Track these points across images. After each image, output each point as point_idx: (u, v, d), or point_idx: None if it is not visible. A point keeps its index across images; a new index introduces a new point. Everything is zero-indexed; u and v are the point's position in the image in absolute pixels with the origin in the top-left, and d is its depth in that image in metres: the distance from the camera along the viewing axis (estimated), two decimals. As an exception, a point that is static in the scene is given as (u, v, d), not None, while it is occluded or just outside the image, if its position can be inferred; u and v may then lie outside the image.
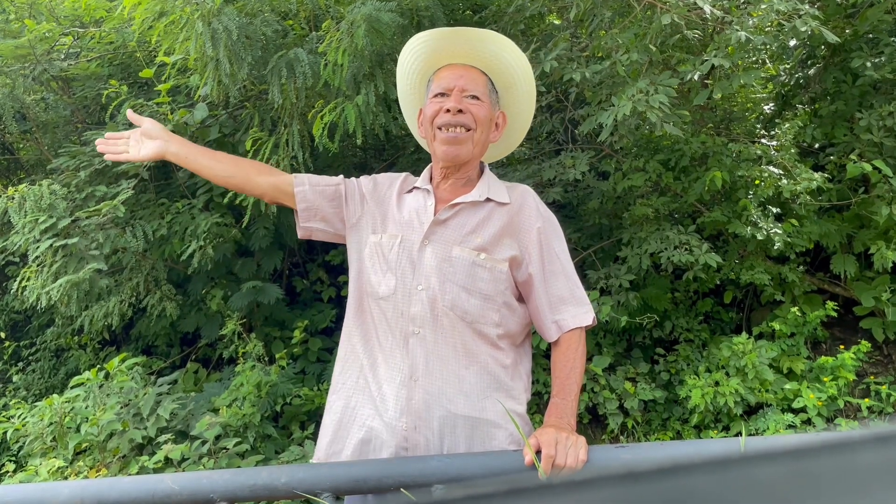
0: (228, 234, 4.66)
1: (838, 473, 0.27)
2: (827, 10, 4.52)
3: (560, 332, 1.61)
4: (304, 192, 1.73)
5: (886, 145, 4.36)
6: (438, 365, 1.54)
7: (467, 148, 1.63)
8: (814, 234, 4.43)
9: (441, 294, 1.56)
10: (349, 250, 1.75)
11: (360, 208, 1.75)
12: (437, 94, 1.66)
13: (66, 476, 3.87)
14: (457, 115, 1.61)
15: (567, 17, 4.05)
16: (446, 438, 1.51)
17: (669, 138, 4.53)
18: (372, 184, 1.80)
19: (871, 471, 0.27)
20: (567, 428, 1.40)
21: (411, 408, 1.52)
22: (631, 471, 0.29)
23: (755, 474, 0.28)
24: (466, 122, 1.62)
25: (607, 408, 4.47)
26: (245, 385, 4.39)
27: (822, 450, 0.28)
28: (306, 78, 3.61)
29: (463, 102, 1.62)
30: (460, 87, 1.64)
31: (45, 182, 4.18)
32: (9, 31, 4.87)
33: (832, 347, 4.78)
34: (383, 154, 6.10)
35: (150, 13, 3.69)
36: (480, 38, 1.66)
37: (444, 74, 1.68)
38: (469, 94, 1.64)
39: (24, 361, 6.21)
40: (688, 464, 0.29)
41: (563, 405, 1.49)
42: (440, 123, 1.63)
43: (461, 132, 1.62)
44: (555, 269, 1.65)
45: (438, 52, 1.70)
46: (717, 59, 3.30)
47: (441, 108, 1.63)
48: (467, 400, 1.52)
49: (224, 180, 1.74)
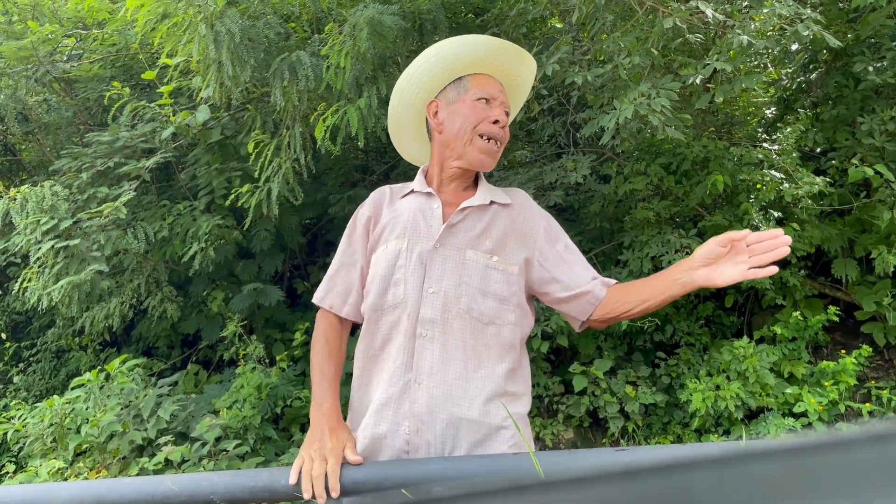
0: (230, 236, 4.67)
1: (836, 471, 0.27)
2: (829, 15, 4.52)
3: (608, 285, 1.63)
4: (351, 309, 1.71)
5: (888, 150, 4.36)
6: (444, 367, 1.53)
7: (496, 161, 1.71)
8: (815, 239, 4.43)
9: (456, 297, 1.56)
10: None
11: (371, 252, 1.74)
12: (481, 99, 1.68)
13: (66, 477, 3.87)
14: (502, 129, 1.67)
15: (569, 21, 4.06)
16: (448, 441, 1.50)
17: (671, 142, 4.54)
18: (367, 221, 1.77)
19: (868, 469, 0.27)
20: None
21: (414, 411, 1.52)
22: (631, 468, 0.29)
23: (754, 471, 0.28)
24: (503, 138, 1.68)
25: (608, 411, 4.47)
26: (245, 387, 4.39)
27: (821, 448, 0.28)
28: (308, 80, 3.61)
29: (506, 117, 1.68)
30: (502, 101, 1.69)
31: (47, 183, 4.19)
32: (12, 32, 4.88)
33: (833, 352, 4.78)
34: (384, 157, 6.11)
35: (153, 15, 3.71)
36: (521, 60, 1.73)
37: (486, 82, 1.71)
38: (507, 109, 1.71)
39: (25, 362, 6.21)
40: (687, 461, 0.29)
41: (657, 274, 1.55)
42: (486, 132, 1.65)
43: (498, 147, 1.68)
44: (573, 253, 1.69)
45: (484, 60, 1.72)
46: (719, 63, 3.30)
47: (488, 118, 1.65)
48: (472, 403, 1.52)
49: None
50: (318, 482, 1.35)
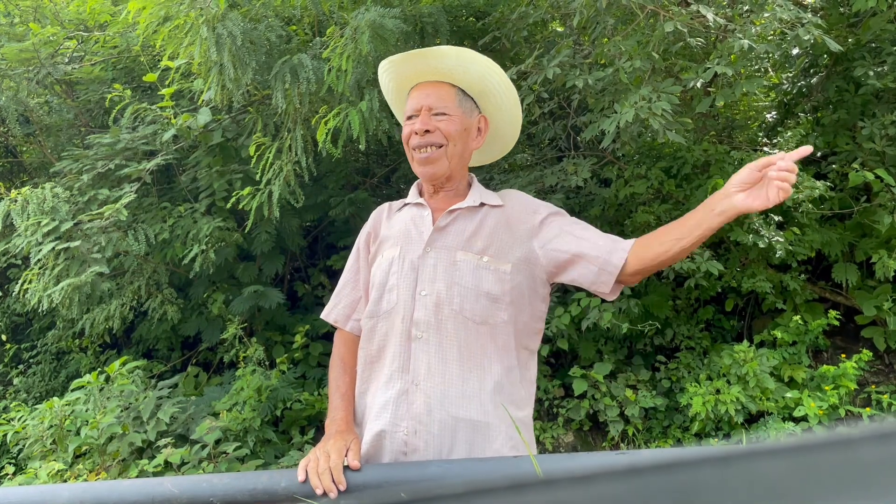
0: (230, 238, 4.67)
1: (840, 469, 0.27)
2: (830, 19, 4.53)
3: (626, 249, 1.55)
4: (356, 324, 1.76)
5: (889, 154, 4.37)
6: (441, 368, 1.55)
7: (443, 164, 1.67)
8: (815, 243, 4.43)
9: (448, 298, 1.57)
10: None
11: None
12: (409, 117, 1.72)
13: (65, 479, 3.86)
14: (425, 135, 1.65)
15: (570, 24, 4.06)
16: (446, 442, 1.51)
17: (671, 146, 4.54)
18: (367, 236, 1.83)
19: (872, 466, 0.27)
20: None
21: (412, 412, 1.53)
22: (633, 466, 0.29)
23: (758, 469, 0.27)
24: (436, 140, 1.66)
25: (608, 415, 4.46)
26: (245, 389, 4.38)
27: (825, 446, 0.28)
28: (310, 83, 3.62)
29: (431, 122, 1.66)
30: (427, 106, 1.69)
31: (48, 185, 4.19)
32: (13, 34, 4.89)
33: (833, 356, 4.77)
34: (385, 160, 6.12)
35: (155, 17, 3.71)
36: (439, 54, 1.69)
37: (413, 95, 1.74)
38: (436, 111, 1.68)
39: (25, 364, 6.21)
40: (691, 459, 0.29)
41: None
42: (413, 145, 1.69)
43: (433, 151, 1.66)
44: (578, 228, 1.66)
45: (405, 75, 1.76)
46: (720, 67, 3.31)
47: (413, 132, 1.68)
48: (469, 403, 1.53)
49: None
50: (324, 476, 1.37)
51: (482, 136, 1.76)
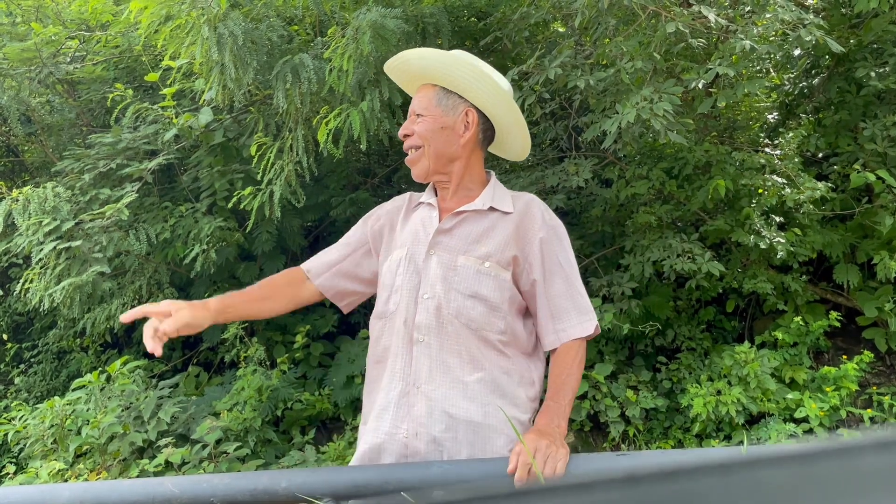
0: (231, 238, 4.67)
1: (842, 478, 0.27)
2: (831, 20, 4.52)
3: (560, 343, 1.61)
4: (323, 282, 1.82)
5: (890, 155, 4.36)
6: (442, 371, 1.55)
7: (423, 164, 1.71)
8: (817, 244, 4.42)
9: (446, 302, 1.57)
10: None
11: (377, 254, 1.81)
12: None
13: (66, 478, 3.87)
14: (405, 139, 1.73)
15: (571, 25, 4.06)
16: (447, 444, 1.51)
17: (673, 146, 4.54)
18: (380, 221, 1.84)
19: (873, 475, 0.27)
20: (555, 432, 1.43)
21: (412, 415, 1.53)
22: (633, 474, 0.29)
23: (760, 478, 0.27)
24: (415, 143, 1.71)
25: (609, 416, 4.46)
26: (246, 389, 4.38)
27: (826, 454, 0.28)
28: (311, 83, 3.62)
29: (409, 126, 1.72)
30: (412, 109, 1.74)
31: (50, 184, 4.20)
32: (15, 34, 4.90)
33: (835, 357, 4.77)
34: (387, 160, 6.12)
35: (157, 17, 3.71)
36: (405, 59, 1.74)
37: (413, 102, 1.79)
38: (417, 113, 1.73)
39: (26, 363, 6.21)
40: (691, 467, 0.28)
41: (555, 408, 1.52)
42: (405, 149, 1.75)
43: (413, 153, 1.72)
44: (556, 279, 1.64)
45: (403, 82, 1.83)
46: (722, 68, 3.30)
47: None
48: (470, 405, 1.53)
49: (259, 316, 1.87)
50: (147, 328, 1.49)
51: (470, 129, 1.70)
